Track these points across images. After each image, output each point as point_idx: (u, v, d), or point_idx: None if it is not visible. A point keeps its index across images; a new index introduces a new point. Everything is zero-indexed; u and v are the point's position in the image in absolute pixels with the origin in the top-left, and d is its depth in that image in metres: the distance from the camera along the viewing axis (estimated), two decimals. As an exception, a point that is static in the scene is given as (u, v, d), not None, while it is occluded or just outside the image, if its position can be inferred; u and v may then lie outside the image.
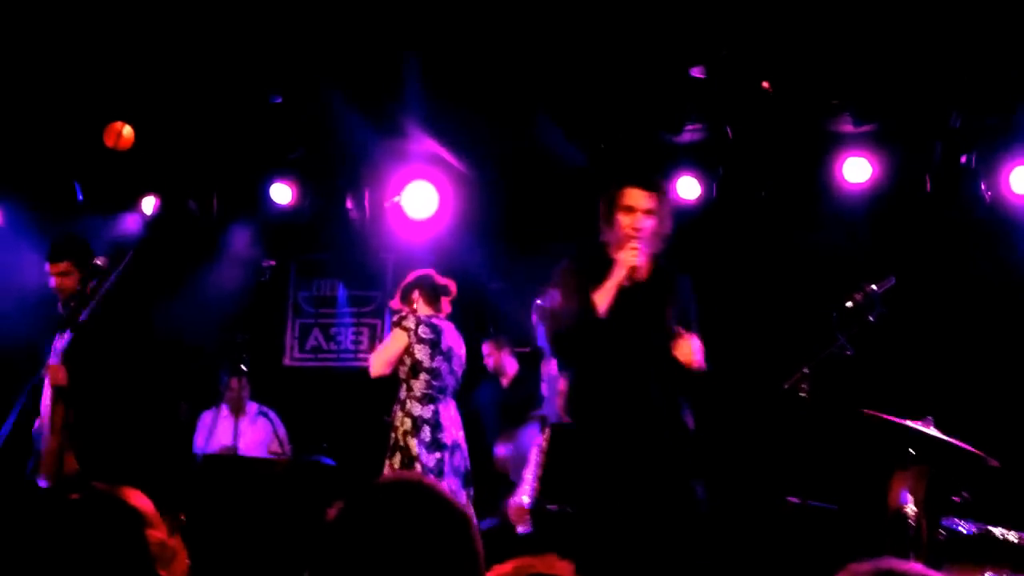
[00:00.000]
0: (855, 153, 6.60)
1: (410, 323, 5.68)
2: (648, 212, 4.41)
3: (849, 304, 4.82)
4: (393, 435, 5.56)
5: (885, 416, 4.49)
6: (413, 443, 5.48)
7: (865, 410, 4.55)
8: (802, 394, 4.80)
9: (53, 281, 5.41)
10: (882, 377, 6.19)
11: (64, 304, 5.38)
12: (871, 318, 4.74)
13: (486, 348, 7.33)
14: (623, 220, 4.41)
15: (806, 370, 4.78)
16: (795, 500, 5.38)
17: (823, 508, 5.63)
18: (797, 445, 4.40)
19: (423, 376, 5.65)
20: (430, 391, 5.65)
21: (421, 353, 5.65)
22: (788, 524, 5.28)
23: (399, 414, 5.57)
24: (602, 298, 4.38)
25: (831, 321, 4.74)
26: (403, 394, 5.61)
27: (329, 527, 1.72)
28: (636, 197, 4.42)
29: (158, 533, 2.21)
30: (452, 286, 5.89)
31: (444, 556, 1.69)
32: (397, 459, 5.48)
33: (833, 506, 5.73)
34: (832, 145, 6.69)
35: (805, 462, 5.48)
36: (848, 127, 6.47)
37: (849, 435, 5.69)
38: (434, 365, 5.66)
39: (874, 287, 4.81)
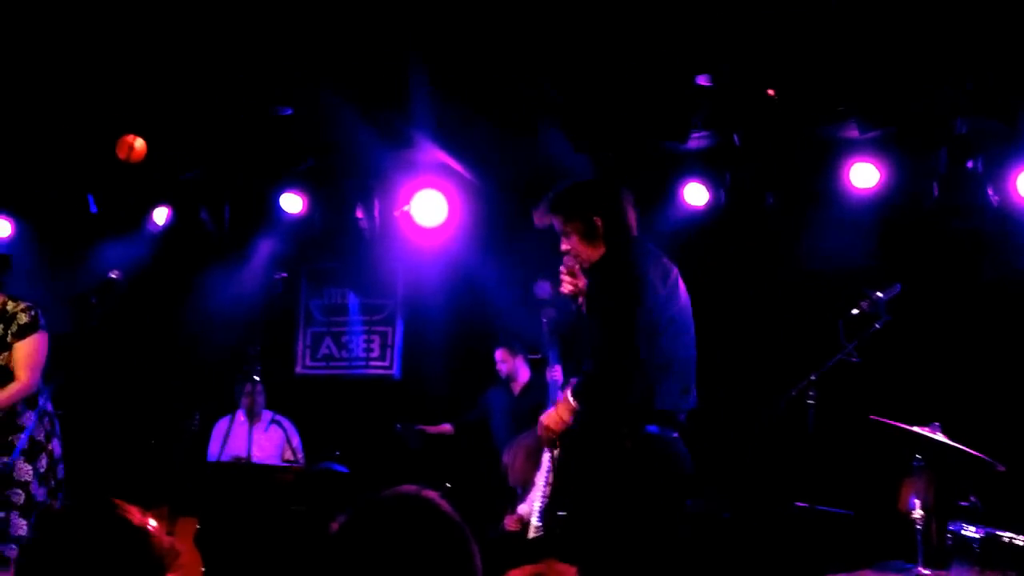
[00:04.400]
0: (861, 159, 6.60)
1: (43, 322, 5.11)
2: (561, 235, 4.15)
3: (855, 312, 4.86)
4: (31, 438, 4.91)
5: (893, 422, 4.52)
6: (56, 444, 5.08)
7: (873, 416, 4.58)
8: (810, 401, 4.84)
9: None
10: (889, 384, 6.19)
11: None
12: (877, 325, 4.78)
13: (499, 354, 7.30)
14: None
15: (813, 377, 4.83)
16: (803, 505, 5.41)
17: (833, 513, 5.65)
18: (805, 452, 4.42)
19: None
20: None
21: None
22: (797, 529, 5.30)
23: (34, 416, 4.93)
24: None
25: (838, 329, 4.78)
26: (40, 398, 4.98)
27: (331, 540, 1.76)
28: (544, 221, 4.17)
29: (163, 537, 2.18)
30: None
31: (443, 571, 1.73)
32: (44, 462, 4.97)
33: (849, 511, 5.74)
34: (838, 151, 6.69)
35: (814, 468, 5.51)
36: (854, 133, 6.48)
37: (857, 441, 5.72)
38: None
39: (880, 294, 4.86)
